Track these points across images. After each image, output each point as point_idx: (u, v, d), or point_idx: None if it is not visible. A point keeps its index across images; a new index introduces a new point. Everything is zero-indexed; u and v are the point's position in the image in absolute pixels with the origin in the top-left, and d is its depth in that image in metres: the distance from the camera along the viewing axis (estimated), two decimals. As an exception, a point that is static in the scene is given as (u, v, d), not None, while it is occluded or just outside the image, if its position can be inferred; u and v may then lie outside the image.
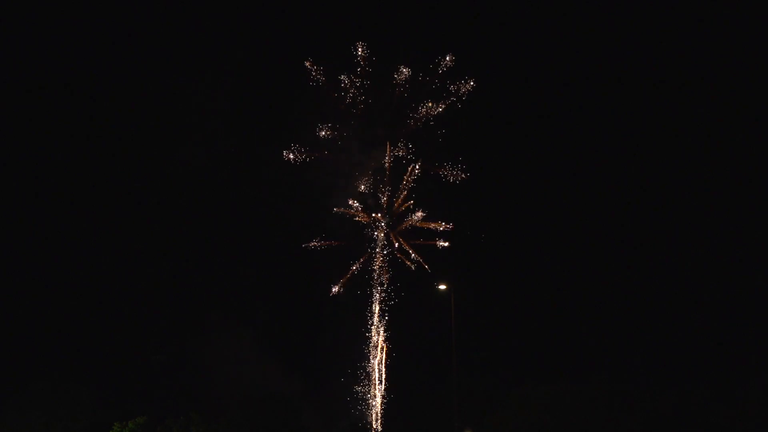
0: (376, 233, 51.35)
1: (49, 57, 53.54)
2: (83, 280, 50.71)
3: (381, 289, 50.85)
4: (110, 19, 54.12)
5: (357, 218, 51.03)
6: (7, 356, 48.14)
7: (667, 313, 49.03)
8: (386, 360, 50.11)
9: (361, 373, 50.16)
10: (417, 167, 50.15)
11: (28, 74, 53.09)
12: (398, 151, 50.85)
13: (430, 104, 49.61)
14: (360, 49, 49.48)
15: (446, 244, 50.05)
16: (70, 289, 50.38)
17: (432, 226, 50.26)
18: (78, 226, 51.49)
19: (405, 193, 50.85)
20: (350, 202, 50.60)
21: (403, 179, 50.76)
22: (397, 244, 51.21)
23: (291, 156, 49.15)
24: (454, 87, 49.45)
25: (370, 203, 51.06)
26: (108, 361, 49.54)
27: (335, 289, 49.88)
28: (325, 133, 49.80)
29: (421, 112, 49.91)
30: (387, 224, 51.33)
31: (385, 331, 50.61)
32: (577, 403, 47.25)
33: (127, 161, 53.02)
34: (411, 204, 50.65)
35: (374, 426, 49.70)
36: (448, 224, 49.75)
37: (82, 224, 51.54)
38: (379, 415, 50.09)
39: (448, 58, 49.48)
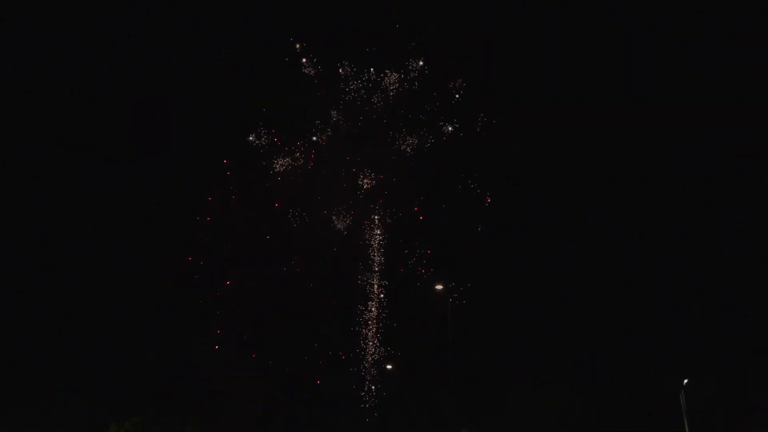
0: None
1: (43, 56, 53.61)
2: (79, 280, 50.69)
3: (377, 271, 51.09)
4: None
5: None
6: (4, 356, 48.10)
7: (666, 312, 48.64)
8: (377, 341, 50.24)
9: (357, 373, 50.20)
10: None
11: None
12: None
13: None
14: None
15: None
16: (66, 289, 50.36)
17: None
18: (74, 226, 51.55)
19: None
20: None
21: None
22: None
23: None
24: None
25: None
26: (104, 360, 49.43)
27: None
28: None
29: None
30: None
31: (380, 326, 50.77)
32: (576, 404, 47.15)
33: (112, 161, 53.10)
34: None
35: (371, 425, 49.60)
36: None
37: (78, 224, 51.60)
38: (375, 414, 49.99)
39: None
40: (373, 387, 49.90)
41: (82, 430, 47.08)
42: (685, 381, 42.28)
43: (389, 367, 49.58)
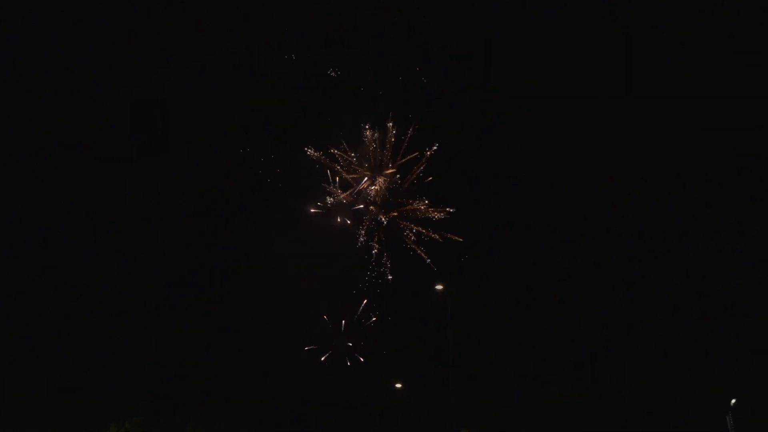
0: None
1: (47, 56, 53.55)
2: (79, 280, 50.76)
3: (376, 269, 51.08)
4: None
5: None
6: (4, 357, 48.12)
7: (664, 311, 48.64)
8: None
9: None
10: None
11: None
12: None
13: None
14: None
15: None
16: (66, 289, 50.42)
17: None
18: (74, 226, 51.56)
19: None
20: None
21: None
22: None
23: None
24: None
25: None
26: (104, 360, 49.48)
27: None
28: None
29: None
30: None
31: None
32: (576, 404, 47.17)
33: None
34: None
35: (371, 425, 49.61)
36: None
37: (78, 224, 51.60)
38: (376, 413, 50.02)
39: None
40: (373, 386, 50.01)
41: (82, 430, 47.15)
42: (733, 401, 42.03)
43: (399, 385, 49.48)
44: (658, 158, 50.56)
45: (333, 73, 50.44)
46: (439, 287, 48.22)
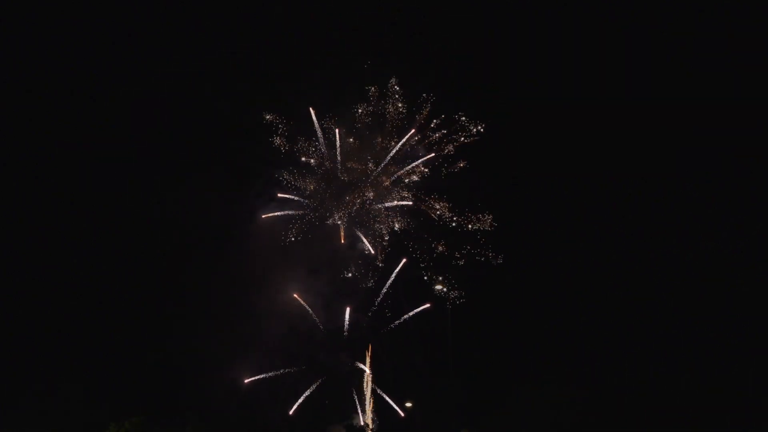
0: None
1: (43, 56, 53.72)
2: (79, 281, 50.79)
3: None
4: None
5: None
6: (4, 357, 48.21)
7: (666, 311, 48.74)
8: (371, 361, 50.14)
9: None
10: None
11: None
12: None
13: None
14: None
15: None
16: (64, 288, 50.46)
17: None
18: (75, 227, 51.64)
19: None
20: None
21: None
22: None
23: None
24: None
25: None
26: (104, 360, 49.55)
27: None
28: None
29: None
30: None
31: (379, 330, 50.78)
32: (574, 405, 47.25)
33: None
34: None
35: (369, 426, 49.56)
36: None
37: (78, 225, 51.69)
38: (374, 415, 50.01)
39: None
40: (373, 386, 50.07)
41: (82, 430, 47.24)
42: None
43: (409, 404, 49.35)
44: (658, 158, 50.71)
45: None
46: (438, 287, 48.27)
